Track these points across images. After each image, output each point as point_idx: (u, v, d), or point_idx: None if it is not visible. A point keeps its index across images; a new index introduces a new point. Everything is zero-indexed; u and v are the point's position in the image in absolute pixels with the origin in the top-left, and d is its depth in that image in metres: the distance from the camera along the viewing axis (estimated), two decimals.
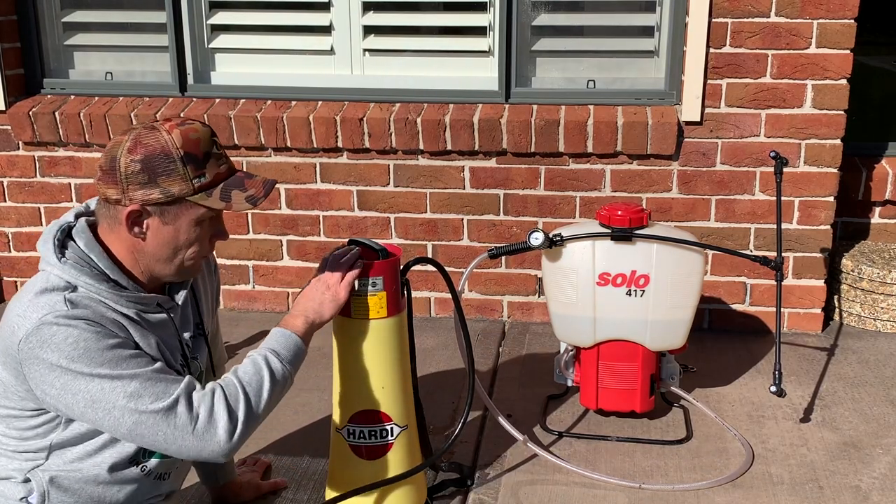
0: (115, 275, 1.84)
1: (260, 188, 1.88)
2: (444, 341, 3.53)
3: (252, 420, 1.84)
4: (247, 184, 1.88)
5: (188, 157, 1.79)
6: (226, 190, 1.84)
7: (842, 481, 2.57)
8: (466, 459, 2.68)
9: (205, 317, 2.12)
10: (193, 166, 1.80)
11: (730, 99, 3.39)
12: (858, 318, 3.63)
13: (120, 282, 1.84)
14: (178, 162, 1.78)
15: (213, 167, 1.83)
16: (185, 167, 1.79)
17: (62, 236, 1.84)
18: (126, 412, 1.73)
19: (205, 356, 2.11)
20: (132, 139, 1.79)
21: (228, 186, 1.85)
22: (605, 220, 2.72)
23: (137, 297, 1.86)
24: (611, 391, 2.80)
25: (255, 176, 1.91)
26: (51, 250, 1.81)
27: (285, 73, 3.74)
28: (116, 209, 1.82)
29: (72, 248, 1.83)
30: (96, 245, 1.84)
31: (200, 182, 1.81)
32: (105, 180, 1.81)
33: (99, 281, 1.81)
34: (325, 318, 2.06)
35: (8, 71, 3.75)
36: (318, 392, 3.10)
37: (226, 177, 1.86)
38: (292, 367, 1.95)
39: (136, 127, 1.83)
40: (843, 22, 3.27)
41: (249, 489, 2.48)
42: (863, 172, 3.68)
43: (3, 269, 3.98)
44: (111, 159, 1.79)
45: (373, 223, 3.70)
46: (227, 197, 1.84)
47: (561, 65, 3.63)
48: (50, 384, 1.73)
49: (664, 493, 2.51)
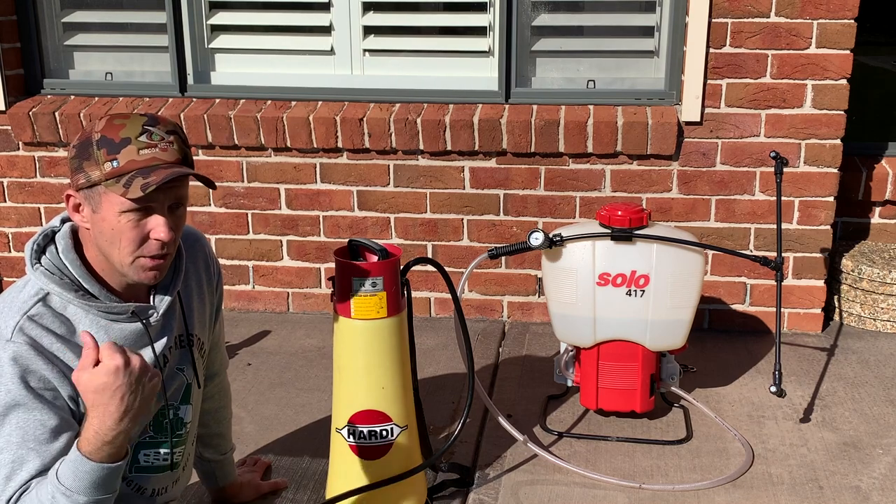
0: (87, 283, 1.81)
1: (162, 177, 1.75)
2: (444, 341, 3.53)
3: None
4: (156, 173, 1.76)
5: (103, 140, 1.75)
6: (131, 177, 1.75)
7: (842, 481, 2.57)
8: (466, 459, 2.68)
9: (195, 328, 2.07)
10: (106, 150, 1.75)
11: (730, 99, 3.40)
12: (858, 318, 3.63)
13: (91, 290, 1.81)
14: (93, 146, 1.75)
15: (128, 154, 1.75)
16: (98, 150, 1.75)
17: (43, 242, 1.83)
18: None
19: (191, 368, 2.05)
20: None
21: (137, 174, 1.75)
22: (605, 221, 2.72)
23: (108, 306, 1.82)
24: (611, 391, 2.80)
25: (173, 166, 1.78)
26: (28, 256, 1.81)
27: (285, 73, 3.74)
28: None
29: (49, 253, 1.82)
30: (72, 252, 1.82)
31: (112, 167, 1.74)
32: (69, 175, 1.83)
33: (68, 290, 1.79)
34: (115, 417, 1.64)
35: (8, 71, 3.75)
36: (318, 392, 3.10)
37: (143, 166, 1.76)
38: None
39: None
40: (843, 22, 3.27)
41: (249, 489, 2.48)
42: (863, 172, 3.68)
43: (3, 269, 3.98)
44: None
45: (373, 223, 3.70)
46: (128, 183, 1.74)
47: (561, 65, 3.63)
48: None
49: (664, 493, 2.51)
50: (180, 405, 2.03)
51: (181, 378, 2.03)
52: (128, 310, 1.85)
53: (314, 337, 3.58)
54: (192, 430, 2.11)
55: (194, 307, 2.07)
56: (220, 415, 2.35)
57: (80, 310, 1.81)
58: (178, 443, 2.04)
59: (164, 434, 1.99)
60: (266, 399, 3.08)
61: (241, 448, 2.68)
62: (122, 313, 1.85)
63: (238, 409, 2.95)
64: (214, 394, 2.31)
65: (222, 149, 3.68)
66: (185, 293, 2.04)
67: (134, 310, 1.86)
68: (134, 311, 1.86)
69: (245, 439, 2.79)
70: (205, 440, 2.31)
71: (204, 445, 2.32)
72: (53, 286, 1.78)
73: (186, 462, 2.13)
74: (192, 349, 2.05)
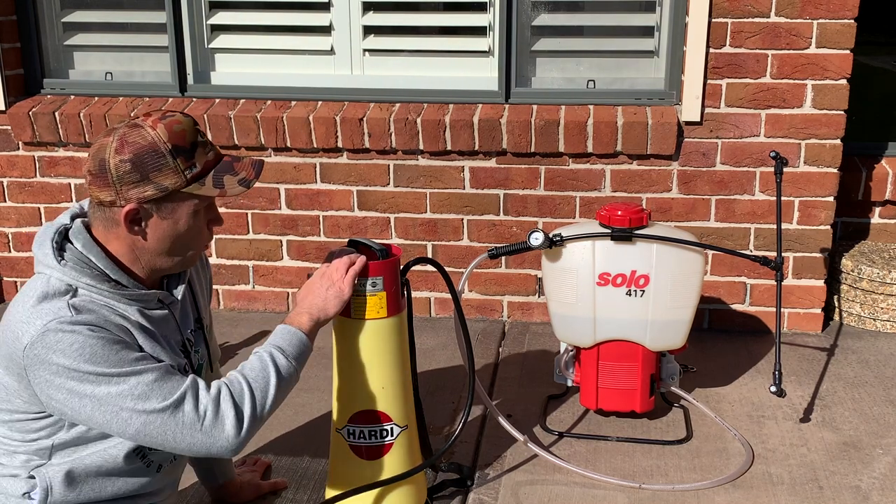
0: (115, 274, 1.84)
1: (250, 170, 1.89)
2: (444, 341, 3.53)
3: (258, 416, 1.85)
4: (236, 167, 1.89)
5: (177, 149, 1.79)
6: (217, 176, 1.85)
7: (842, 481, 2.57)
8: (466, 459, 2.68)
9: (202, 311, 2.14)
10: (183, 158, 1.80)
11: (730, 99, 3.40)
12: (858, 318, 3.63)
13: (121, 281, 1.85)
14: (167, 156, 1.78)
15: (201, 156, 1.83)
16: (175, 160, 1.79)
17: (59, 238, 1.84)
18: (134, 413, 1.74)
19: (203, 350, 2.12)
20: (118, 139, 1.79)
21: (219, 173, 1.86)
22: (605, 220, 2.72)
23: (139, 294, 1.86)
24: (611, 391, 2.80)
25: (242, 158, 1.92)
26: (49, 253, 1.81)
27: (285, 73, 3.74)
28: (112, 211, 1.82)
29: (70, 249, 1.83)
30: (94, 245, 1.84)
31: (192, 172, 1.81)
32: (96, 184, 1.80)
33: (100, 281, 1.81)
34: (329, 314, 2.06)
35: (8, 71, 3.75)
36: (318, 392, 3.10)
37: (214, 163, 1.87)
38: (298, 364, 1.95)
39: (117, 126, 1.82)
40: (843, 22, 3.27)
41: (249, 489, 2.48)
42: (863, 172, 3.68)
43: (3, 269, 3.98)
44: (100, 162, 1.79)
45: (373, 223, 3.70)
46: (220, 183, 1.84)
47: (561, 65, 3.64)
48: (56, 389, 1.73)
49: (664, 493, 2.51)
50: None
51: (197, 359, 2.08)
52: (154, 297, 1.90)
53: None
54: None
55: (197, 289, 2.13)
56: None
57: (112, 300, 1.83)
58: None
59: None
60: None
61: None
62: (150, 300, 1.89)
63: None
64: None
65: (222, 149, 3.66)
66: (190, 279, 2.10)
67: (159, 297, 1.91)
68: (160, 299, 1.91)
69: None
70: None
71: None
72: (85, 279, 1.80)
73: None
74: (203, 331, 2.12)
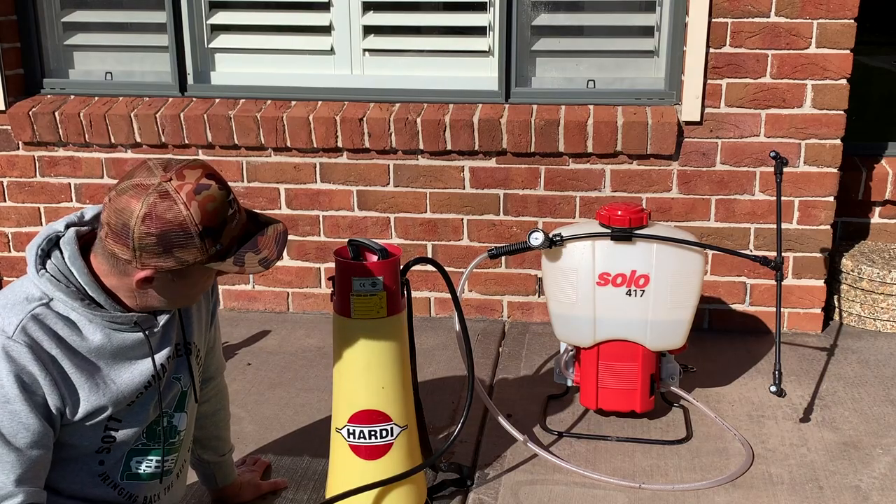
0: (93, 292, 1.80)
1: (272, 248, 1.83)
2: (444, 341, 3.53)
3: None
4: (260, 243, 1.83)
5: (206, 231, 1.74)
6: (239, 256, 1.80)
7: (842, 481, 2.57)
8: (466, 459, 2.68)
9: (193, 336, 2.06)
10: (211, 239, 1.76)
11: (730, 99, 3.39)
12: (858, 318, 3.63)
13: (97, 299, 1.81)
14: (196, 237, 1.73)
15: (228, 233, 1.78)
16: (202, 241, 1.74)
17: (47, 246, 1.81)
18: None
19: (188, 376, 2.05)
20: (146, 209, 1.70)
21: (243, 251, 1.81)
22: (604, 220, 2.72)
23: (112, 316, 1.82)
24: (611, 391, 2.80)
25: (266, 228, 1.86)
26: (32, 261, 1.79)
27: (285, 73, 3.74)
28: (126, 266, 1.77)
29: (55, 258, 1.80)
30: (79, 259, 1.80)
31: (216, 250, 1.77)
32: (115, 240, 1.74)
33: (73, 298, 1.78)
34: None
35: (8, 71, 3.75)
36: (318, 392, 3.10)
37: (240, 236, 1.82)
38: None
39: (147, 188, 1.72)
40: (843, 22, 3.27)
41: (249, 489, 2.48)
42: (863, 172, 3.68)
43: (3, 269, 3.98)
44: (123, 225, 1.72)
45: (373, 223, 3.70)
46: (240, 262, 1.80)
47: (561, 65, 3.63)
48: None
49: (664, 493, 2.51)
50: (174, 413, 2.03)
51: (177, 386, 2.03)
52: (131, 320, 1.85)
53: (314, 337, 3.58)
54: (186, 438, 2.10)
55: (192, 315, 2.07)
56: (218, 417, 2.35)
57: (82, 318, 1.80)
58: (171, 450, 2.03)
59: (157, 441, 1.99)
60: (266, 399, 3.08)
61: (240, 448, 2.69)
62: (126, 323, 1.85)
63: (238, 409, 2.95)
64: (211, 397, 2.31)
65: (222, 149, 3.68)
66: None
67: (137, 320, 1.86)
68: (136, 322, 1.87)
69: (245, 439, 2.79)
70: (203, 442, 2.31)
71: (202, 447, 2.32)
72: (59, 294, 1.78)
73: (180, 470, 2.12)
74: (189, 357, 2.04)
